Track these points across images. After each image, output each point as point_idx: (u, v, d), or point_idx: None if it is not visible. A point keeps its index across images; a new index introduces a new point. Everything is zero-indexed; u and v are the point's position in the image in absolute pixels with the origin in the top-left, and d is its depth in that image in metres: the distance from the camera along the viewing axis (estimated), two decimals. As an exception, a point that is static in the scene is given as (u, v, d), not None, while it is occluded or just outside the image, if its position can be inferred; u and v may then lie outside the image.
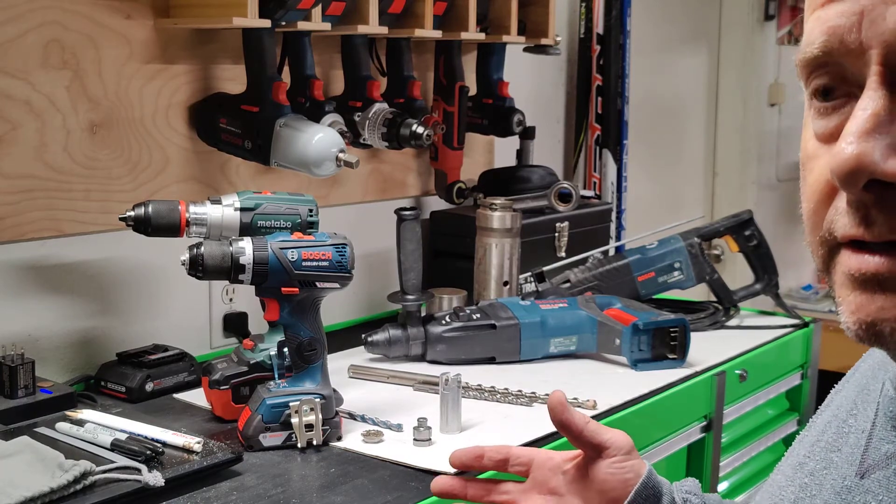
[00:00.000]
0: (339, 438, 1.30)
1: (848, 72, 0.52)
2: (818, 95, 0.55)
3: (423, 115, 1.90)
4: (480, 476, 1.20)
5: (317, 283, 1.26)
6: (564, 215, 2.08)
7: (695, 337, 1.68)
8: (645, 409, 1.49)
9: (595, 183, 2.65)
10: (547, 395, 1.46)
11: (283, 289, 1.25)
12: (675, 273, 1.93)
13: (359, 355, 1.67)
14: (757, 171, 3.48)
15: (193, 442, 1.20)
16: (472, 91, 2.12)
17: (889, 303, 0.52)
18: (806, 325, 1.95)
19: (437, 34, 1.89)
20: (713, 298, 2.02)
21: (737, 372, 1.71)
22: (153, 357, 1.50)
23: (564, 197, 2.09)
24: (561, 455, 0.92)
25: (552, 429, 1.34)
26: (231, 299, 1.74)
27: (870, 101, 0.50)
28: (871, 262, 0.52)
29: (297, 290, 1.26)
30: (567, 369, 1.64)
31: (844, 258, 0.54)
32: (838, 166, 0.50)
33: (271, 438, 1.27)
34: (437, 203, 2.14)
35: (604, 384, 1.55)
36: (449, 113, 2.03)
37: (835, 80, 0.53)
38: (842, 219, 0.53)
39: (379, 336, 1.64)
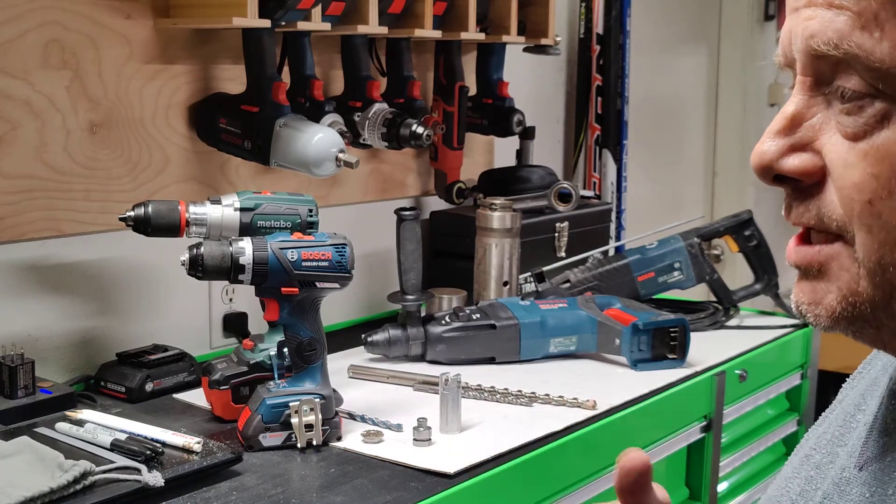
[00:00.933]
0: (339, 438, 1.30)
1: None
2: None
3: (423, 115, 1.89)
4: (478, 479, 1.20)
5: (317, 284, 1.26)
6: (564, 215, 2.08)
7: (695, 337, 1.68)
8: (645, 409, 1.49)
9: (595, 183, 2.65)
10: (547, 394, 1.47)
11: (282, 289, 1.25)
12: (675, 273, 1.93)
13: (359, 355, 1.66)
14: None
15: (193, 442, 1.20)
16: (472, 91, 2.12)
17: (805, 288, 0.60)
18: (806, 325, 1.95)
19: (437, 34, 1.89)
20: (713, 298, 2.02)
21: (737, 372, 1.71)
22: (153, 357, 1.50)
23: (564, 197, 2.09)
24: None
25: (551, 429, 1.35)
26: (231, 299, 1.74)
27: (788, 105, 0.58)
28: (790, 254, 0.61)
29: (296, 290, 1.26)
30: (567, 369, 1.64)
31: (790, 242, 0.62)
32: (751, 161, 0.59)
33: (271, 438, 1.27)
34: (436, 203, 2.14)
35: (604, 384, 1.55)
36: (449, 113, 2.03)
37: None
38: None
39: (379, 336, 1.64)
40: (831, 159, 0.56)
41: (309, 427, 1.27)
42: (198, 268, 1.23)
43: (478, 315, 1.66)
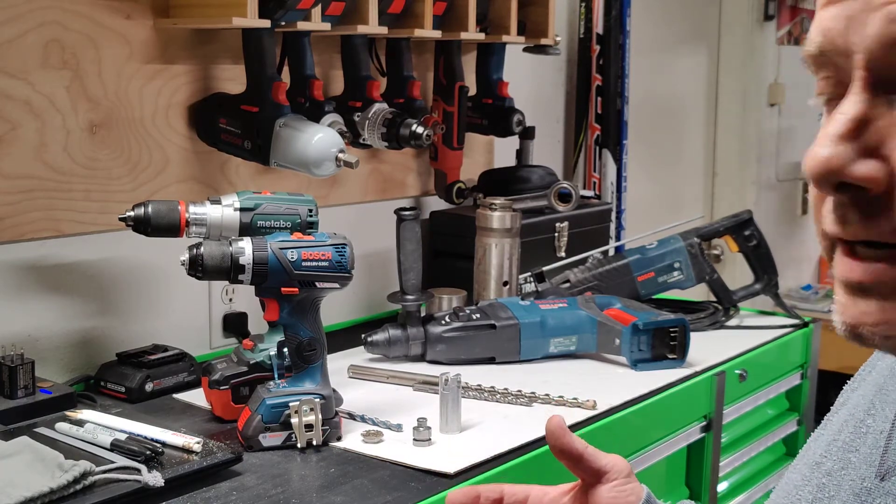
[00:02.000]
0: (339, 438, 1.30)
1: (843, 71, 0.54)
2: (824, 97, 0.56)
3: (423, 115, 1.89)
4: (477, 479, 1.20)
5: (316, 284, 1.26)
6: (564, 215, 2.08)
7: (695, 337, 1.68)
8: (645, 409, 1.49)
9: (595, 183, 2.65)
10: (547, 394, 1.47)
11: (282, 289, 1.25)
12: (675, 273, 1.93)
13: (359, 355, 1.66)
14: (757, 171, 3.48)
15: (193, 442, 1.20)
16: (472, 91, 2.12)
17: (870, 308, 0.54)
18: (806, 325, 1.95)
19: (437, 34, 1.89)
20: (713, 298, 2.02)
21: (737, 372, 1.71)
22: (153, 357, 1.50)
23: (564, 197, 2.09)
24: (556, 489, 0.91)
25: (552, 429, 1.35)
26: (231, 299, 1.74)
27: (850, 106, 0.52)
28: (855, 270, 0.54)
29: (296, 290, 1.26)
30: (567, 369, 1.64)
31: (837, 259, 0.56)
32: (810, 168, 0.53)
33: (271, 438, 1.27)
34: (436, 203, 2.14)
35: (604, 384, 1.55)
36: (449, 113, 2.03)
37: (836, 80, 0.55)
38: (828, 216, 0.55)
39: (379, 336, 1.64)
40: None
41: (309, 427, 1.27)
42: (198, 268, 1.23)
43: (478, 315, 1.66)
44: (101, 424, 1.24)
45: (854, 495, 0.63)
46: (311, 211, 1.39)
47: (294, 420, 1.26)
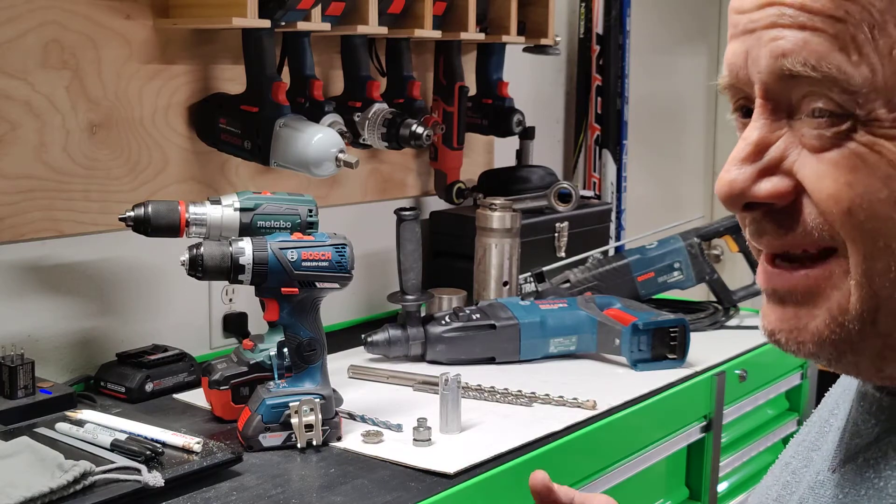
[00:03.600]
0: (339, 439, 1.30)
1: (751, 96, 0.58)
2: (740, 114, 0.61)
3: (423, 116, 1.89)
4: (478, 479, 1.20)
5: (316, 284, 1.26)
6: (564, 215, 2.08)
7: (694, 337, 1.68)
8: (645, 409, 1.49)
9: (595, 183, 2.65)
10: (547, 394, 1.47)
11: (282, 289, 1.25)
12: (675, 273, 1.93)
13: (359, 355, 1.66)
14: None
15: (193, 442, 1.20)
16: (472, 91, 2.12)
17: (786, 314, 0.58)
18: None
19: (437, 34, 1.89)
20: (713, 298, 2.02)
21: (736, 372, 1.71)
22: (153, 357, 1.50)
23: (564, 197, 2.09)
24: None
25: (551, 429, 1.35)
26: (231, 299, 1.74)
27: (751, 131, 0.57)
28: (773, 279, 0.59)
29: (296, 290, 1.26)
30: (567, 369, 1.64)
31: (759, 267, 0.61)
32: (718, 192, 0.58)
33: (271, 439, 1.27)
34: (436, 203, 2.14)
35: (604, 384, 1.55)
36: (448, 113, 2.03)
37: (748, 102, 0.60)
38: (747, 229, 0.60)
39: (379, 336, 1.64)
40: (805, 175, 0.56)
41: (309, 427, 1.27)
42: (198, 268, 1.23)
43: (478, 315, 1.66)
44: (101, 424, 1.24)
45: (809, 489, 0.65)
46: (311, 211, 1.39)
47: (294, 420, 1.26)
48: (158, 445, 1.18)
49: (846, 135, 0.54)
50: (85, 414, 1.28)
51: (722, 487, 1.79)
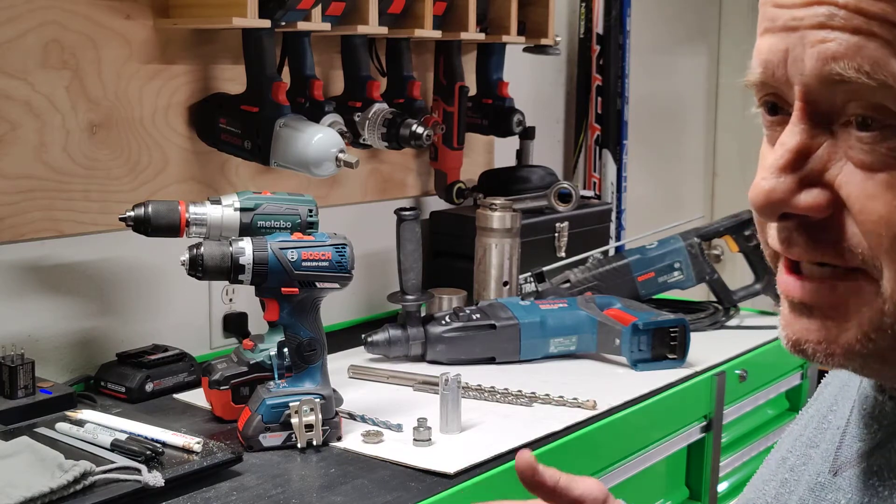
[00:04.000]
0: (339, 438, 1.30)
1: (785, 96, 0.56)
2: (766, 109, 0.59)
3: (423, 116, 1.89)
4: (478, 479, 1.20)
5: (317, 284, 1.26)
6: (564, 215, 2.08)
7: (695, 337, 1.68)
8: (645, 409, 1.49)
9: (595, 183, 2.65)
10: (547, 394, 1.47)
11: (282, 289, 1.25)
12: (675, 273, 1.93)
13: (359, 355, 1.66)
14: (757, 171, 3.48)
15: (193, 442, 1.20)
16: (472, 91, 2.12)
17: (813, 325, 0.56)
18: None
19: (437, 34, 1.89)
20: (713, 298, 2.02)
21: (737, 372, 1.71)
22: (153, 357, 1.50)
23: (564, 197, 2.09)
24: None
25: (551, 429, 1.35)
26: (231, 299, 1.74)
27: (790, 137, 0.54)
28: (798, 289, 0.56)
29: (296, 290, 1.26)
30: (567, 369, 1.64)
31: (781, 275, 0.58)
32: (754, 200, 0.56)
33: (271, 439, 1.27)
34: (436, 203, 2.14)
35: (604, 384, 1.55)
36: (449, 113, 2.03)
37: (778, 100, 0.57)
38: (772, 232, 0.57)
39: (379, 336, 1.64)
40: (849, 192, 0.53)
41: (309, 427, 1.27)
42: (198, 268, 1.23)
43: (478, 315, 1.66)
44: (102, 424, 1.24)
45: (809, 490, 0.64)
46: (311, 211, 1.39)
47: (294, 420, 1.26)
48: (158, 445, 1.18)
49: None
50: (85, 414, 1.28)
51: (722, 487, 1.79)
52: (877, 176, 0.51)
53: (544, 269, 1.88)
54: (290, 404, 1.26)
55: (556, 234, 2.07)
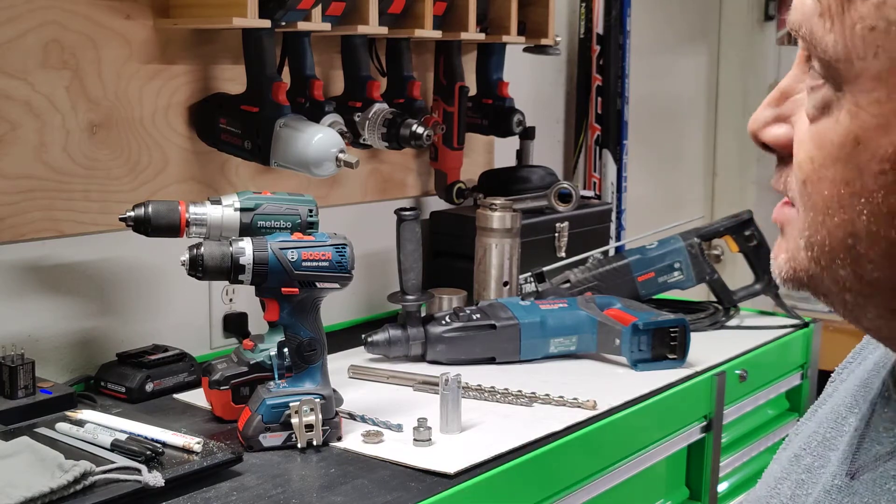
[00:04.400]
0: (339, 439, 1.30)
1: None
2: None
3: (423, 116, 1.89)
4: (478, 479, 1.20)
5: (317, 284, 1.26)
6: (564, 215, 2.08)
7: (695, 337, 1.68)
8: (645, 410, 1.49)
9: (595, 183, 2.65)
10: (547, 395, 1.47)
11: (282, 289, 1.25)
12: (675, 273, 1.93)
13: (359, 355, 1.66)
14: (757, 171, 3.48)
15: (193, 442, 1.20)
16: (472, 91, 2.12)
17: (776, 244, 0.62)
18: (806, 325, 1.95)
19: (437, 34, 1.89)
20: (713, 298, 2.02)
21: (737, 372, 1.71)
22: (153, 357, 1.50)
23: (564, 197, 2.09)
24: None
25: (551, 429, 1.35)
26: (231, 299, 1.74)
27: (785, 78, 0.60)
28: (774, 212, 0.62)
29: (296, 290, 1.26)
30: (567, 369, 1.64)
31: None
32: (748, 127, 0.62)
33: (271, 439, 1.27)
34: (436, 203, 2.14)
35: (604, 384, 1.55)
36: (449, 113, 2.03)
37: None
38: None
39: (379, 336, 1.64)
40: (795, 136, 0.58)
41: (309, 427, 1.27)
42: (198, 268, 1.23)
43: (478, 315, 1.66)
44: (102, 424, 1.24)
45: (825, 492, 0.63)
46: (311, 211, 1.39)
47: (294, 420, 1.26)
48: (159, 445, 1.18)
49: (824, 108, 0.55)
50: (85, 414, 1.28)
51: (722, 487, 1.79)
52: (810, 127, 0.56)
53: (544, 269, 1.88)
54: (291, 404, 1.26)
55: (556, 234, 2.07)
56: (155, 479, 1.09)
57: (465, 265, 1.91)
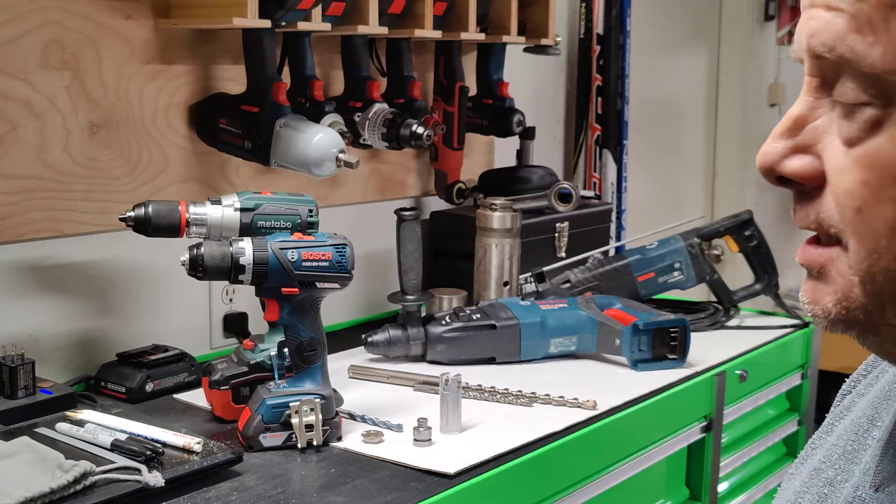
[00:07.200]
0: (339, 439, 1.30)
1: None
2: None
3: (423, 116, 1.89)
4: (478, 479, 1.20)
5: (317, 284, 1.26)
6: (564, 215, 2.08)
7: (695, 337, 1.68)
8: (645, 410, 1.49)
9: (595, 183, 2.65)
10: (547, 395, 1.47)
11: (283, 289, 1.25)
12: (675, 273, 1.93)
13: (359, 355, 1.66)
14: (757, 171, 3.48)
15: (193, 442, 1.20)
16: (472, 91, 2.12)
17: (807, 287, 0.59)
18: (806, 325, 1.95)
19: (437, 34, 1.89)
20: (713, 298, 2.02)
21: (737, 372, 1.71)
22: (153, 357, 1.50)
23: (564, 197, 2.09)
24: None
25: (552, 429, 1.35)
26: (231, 299, 1.74)
27: (794, 106, 0.58)
28: (798, 253, 0.59)
29: (297, 290, 1.26)
30: (567, 369, 1.64)
31: None
32: (757, 162, 0.59)
33: (271, 439, 1.27)
34: (437, 203, 2.14)
35: (604, 384, 1.55)
36: (449, 113, 2.03)
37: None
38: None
39: (379, 336, 1.64)
40: (828, 165, 0.55)
41: (309, 427, 1.27)
42: (198, 268, 1.23)
43: (478, 315, 1.66)
44: (102, 424, 1.24)
45: None
46: (311, 211, 1.39)
47: (294, 420, 1.26)
48: (159, 445, 1.18)
49: (871, 128, 0.52)
50: (85, 414, 1.28)
51: (722, 488, 1.78)
52: (851, 151, 0.53)
53: (544, 269, 1.88)
54: (291, 404, 1.26)
55: (557, 235, 2.07)
56: (155, 479, 1.09)
57: (465, 265, 1.91)
